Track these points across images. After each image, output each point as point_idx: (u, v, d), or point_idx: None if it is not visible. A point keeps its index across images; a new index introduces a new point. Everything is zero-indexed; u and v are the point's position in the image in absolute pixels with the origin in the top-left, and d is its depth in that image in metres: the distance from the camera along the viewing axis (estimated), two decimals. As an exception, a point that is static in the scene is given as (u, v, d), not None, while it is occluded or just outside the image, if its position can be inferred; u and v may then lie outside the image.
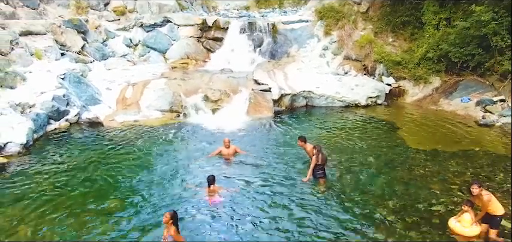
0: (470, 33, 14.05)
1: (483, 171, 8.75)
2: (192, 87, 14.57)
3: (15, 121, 10.68)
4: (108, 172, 8.99)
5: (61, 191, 8.10)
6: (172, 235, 5.80)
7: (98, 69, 16.29)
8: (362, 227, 6.56)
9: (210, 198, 7.47)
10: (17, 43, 13.56)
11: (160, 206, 7.28)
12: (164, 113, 13.45)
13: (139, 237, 6.36)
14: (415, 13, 16.98)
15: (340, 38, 18.13)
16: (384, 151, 10.29)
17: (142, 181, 8.47)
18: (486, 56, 13.89)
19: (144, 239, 6.26)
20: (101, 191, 8.08)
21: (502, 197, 7.37)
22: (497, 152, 10.04)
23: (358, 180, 8.42)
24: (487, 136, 11.32)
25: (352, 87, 15.21)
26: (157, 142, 11.04)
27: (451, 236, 6.28)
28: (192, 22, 19.77)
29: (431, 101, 14.73)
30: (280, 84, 14.96)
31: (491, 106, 12.85)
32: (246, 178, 8.52)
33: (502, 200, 7.20)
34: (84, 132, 12.08)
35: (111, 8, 20.23)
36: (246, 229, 6.57)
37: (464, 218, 6.27)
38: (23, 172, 9.01)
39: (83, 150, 10.46)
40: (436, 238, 6.19)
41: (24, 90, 12.14)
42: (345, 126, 12.57)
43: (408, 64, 15.93)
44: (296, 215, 6.95)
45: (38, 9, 17.89)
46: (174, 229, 5.82)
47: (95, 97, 13.74)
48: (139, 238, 6.32)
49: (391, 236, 6.27)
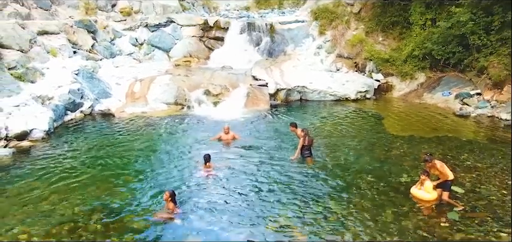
0: (452, 33, 15.46)
1: (451, 152, 10.15)
2: (194, 82, 16.01)
3: (37, 111, 12.13)
4: (120, 154, 10.37)
5: (81, 168, 9.47)
6: (171, 209, 7.15)
7: (106, 66, 17.71)
8: (339, 193, 7.94)
9: (206, 172, 8.84)
10: (35, 42, 15.01)
11: (165, 179, 8.60)
12: (169, 106, 14.88)
13: (147, 201, 7.68)
14: (404, 14, 18.39)
15: (333, 37, 19.58)
16: (367, 137, 11.71)
17: (150, 161, 9.83)
18: (465, 53, 15.30)
19: (151, 204, 7.59)
20: (115, 169, 9.44)
21: (461, 171, 8.80)
22: (467, 137, 11.44)
23: (341, 159, 9.81)
24: (461, 125, 12.73)
25: (343, 82, 16.63)
26: (163, 130, 12.47)
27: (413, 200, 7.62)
28: (194, 22, 21.23)
29: (416, 95, 16.14)
30: (277, 79, 16.39)
31: (468, 99, 14.25)
32: (242, 157, 9.93)
33: (460, 173, 8.65)
34: (98, 122, 13.53)
35: (118, 9, 21.71)
36: (238, 191, 7.96)
37: (427, 185, 7.62)
38: (48, 154, 10.43)
39: (98, 137, 11.89)
40: (400, 200, 7.56)
41: (43, 84, 13.59)
42: (335, 117, 13.98)
43: (396, 61, 17.34)
44: (283, 183, 8.33)
45: (50, 10, 19.39)
46: (172, 204, 7.16)
47: (106, 91, 15.20)
48: (147, 202, 7.65)
49: (363, 199, 7.65)
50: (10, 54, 13.51)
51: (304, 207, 7.36)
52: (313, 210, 7.26)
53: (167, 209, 7.08)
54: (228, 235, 6.50)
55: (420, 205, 7.41)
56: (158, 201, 7.58)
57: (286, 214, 7.10)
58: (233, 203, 7.54)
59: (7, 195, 8.04)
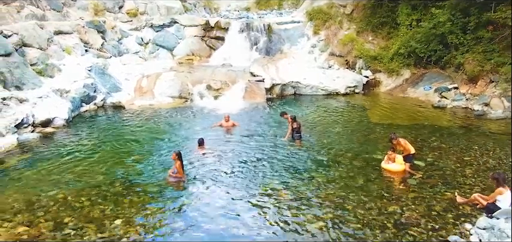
0: (433, 32, 17.08)
1: (421, 136, 11.79)
2: (197, 78, 17.67)
3: (57, 102, 13.81)
4: (131, 138, 12.00)
5: (98, 150, 11.11)
6: (177, 168, 8.77)
7: (115, 63, 19.35)
8: (321, 167, 9.56)
9: (200, 152, 10.44)
10: (52, 41, 16.69)
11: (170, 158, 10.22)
12: (174, 99, 16.55)
13: (157, 173, 9.28)
14: (392, 15, 20.05)
15: (326, 37, 21.24)
16: (351, 124, 13.37)
17: (157, 144, 11.45)
18: (445, 51, 16.94)
19: (160, 174, 9.21)
20: (128, 150, 11.06)
21: (427, 150, 10.45)
22: (439, 125, 13.08)
23: (326, 142, 11.45)
24: (437, 115, 14.35)
25: (333, 78, 18.29)
26: (168, 120, 14.14)
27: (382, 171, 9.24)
28: (197, 23, 22.90)
29: (400, 90, 17.78)
30: (272, 75, 18.05)
31: (446, 93, 15.89)
32: (241, 140, 11.58)
33: (425, 151, 10.30)
34: (110, 113, 15.22)
35: (125, 10, 23.42)
36: (237, 165, 9.59)
37: (397, 159, 9.25)
38: (69, 138, 12.12)
39: (111, 125, 13.58)
40: (371, 172, 9.19)
41: (61, 79, 15.26)
42: (324, 109, 15.63)
43: (383, 59, 18.97)
44: (274, 160, 9.96)
45: (62, 11, 21.09)
46: (179, 163, 8.76)
47: (117, 86, 16.88)
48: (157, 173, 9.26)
49: (341, 171, 9.28)
50: (31, 51, 15.20)
51: (290, 177, 9.00)
52: (297, 178, 8.89)
53: (175, 169, 8.68)
54: (230, 194, 8.10)
55: (387, 175, 9.05)
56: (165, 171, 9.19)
57: (274, 181, 8.73)
58: (232, 174, 9.17)
59: (40, 169, 9.68)
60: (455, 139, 11.43)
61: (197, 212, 7.39)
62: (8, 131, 11.29)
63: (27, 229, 6.74)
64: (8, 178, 9.10)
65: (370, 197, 7.89)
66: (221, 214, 7.31)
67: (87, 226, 6.84)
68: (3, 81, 12.70)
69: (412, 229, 6.63)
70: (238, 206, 7.58)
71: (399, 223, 6.83)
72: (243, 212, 7.35)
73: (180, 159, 8.79)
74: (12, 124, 11.53)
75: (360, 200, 7.75)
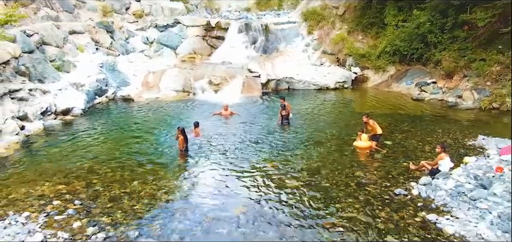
0: (416, 32, 18.95)
1: (396, 122, 13.66)
2: (199, 74, 19.59)
3: (74, 94, 15.75)
4: (140, 125, 13.91)
5: (112, 133, 13.02)
6: (180, 142, 10.65)
7: (123, 61, 21.28)
8: (304, 145, 11.43)
9: (195, 134, 12.27)
10: (67, 39, 18.66)
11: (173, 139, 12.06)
12: (178, 92, 18.47)
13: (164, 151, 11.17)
14: (380, 16, 21.93)
15: (319, 36, 23.14)
16: (336, 113, 15.28)
17: (163, 129, 13.29)
18: (426, 49, 18.81)
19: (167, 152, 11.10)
20: (137, 134, 12.92)
21: (397, 133, 12.31)
22: (414, 114, 14.95)
23: (312, 127, 13.34)
24: (414, 106, 16.22)
25: (324, 74, 20.19)
26: (173, 110, 16.04)
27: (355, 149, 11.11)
28: (198, 23, 24.84)
29: (386, 85, 19.66)
30: (268, 72, 19.96)
31: (425, 87, 17.75)
32: (236, 125, 13.49)
33: (396, 133, 12.16)
34: (120, 105, 17.16)
35: (131, 11, 25.43)
36: (234, 145, 11.46)
37: (364, 137, 11.13)
38: (86, 125, 14.03)
39: (122, 114, 15.51)
40: (345, 148, 11.07)
41: (76, 74, 17.21)
42: (315, 101, 17.52)
43: (371, 56, 20.85)
44: (265, 141, 11.84)
45: (73, 13, 23.12)
46: (181, 137, 10.64)
47: (126, 80, 18.83)
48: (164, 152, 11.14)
49: (321, 148, 11.14)
50: (50, 49, 17.17)
51: (278, 153, 10.87)
52: (284, 154, 10.76)
53: (180, 143, 10.57)
54: (230, 164, 9.98)
55: (358, 151, 10.93)
56: (171, 149, 11.09)
57: (264, 156, 10.61)
58: (229, 151, 11.04)
59: (65, 148, 11.57)
60: (424, 125, 13.31)
61: (197, 176, 9.29)
62: (35, 117, 13.24)
63: (65, 186, 8.65)
64: (40, 153, 11.04)
65: (341, 166, 9.77)
66: (215, 177, 9.21)
67: (112, 185, 8.75)
68: (28, 74, 14.64)
69: (370, 186, 8.50)
70: (228, 173, 9.48)
71: (360, 183, 8.71)
72: (235, 175, 9.25)
73: (183, 134, 10.66)
74: (38, 112, 13.48)
75: (332, 168, 9.64)
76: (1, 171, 9.66)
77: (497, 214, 6.78)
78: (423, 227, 6.80)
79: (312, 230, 6.82)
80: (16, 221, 7.00)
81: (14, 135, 11.74)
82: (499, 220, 6.62)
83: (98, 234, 6.60)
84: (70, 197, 8.07)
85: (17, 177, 9.26)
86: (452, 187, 7.95)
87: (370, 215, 7.26)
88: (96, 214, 7.34)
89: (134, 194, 8.24)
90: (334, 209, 7.55)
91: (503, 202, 7.11)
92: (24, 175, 9.37)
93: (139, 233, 6.68)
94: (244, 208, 7.66)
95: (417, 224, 6.91)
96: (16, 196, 8.14)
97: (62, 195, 8.19)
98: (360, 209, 7.49)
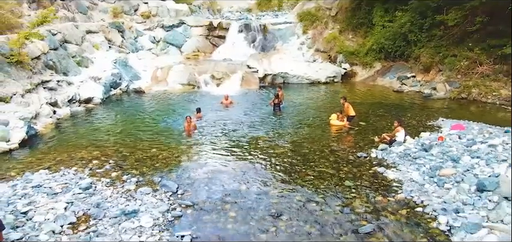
0: (399, 31, 21.45)
1: (373, 109, 16.13)
2: (202, 69, 22.15)
3: (94, 86, 18.31)
4: (152, 112, 16.43)
5: (129, 118, 15.56)
6: (187, 126, 13.15)
7: (133, 58, 23.88)
8: (292, 127, 13.92)
9: (197, 117, 14.79)
10: (85, 38, 21.27)
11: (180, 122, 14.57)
12: (184, 85, 21.02)
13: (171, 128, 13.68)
14: (368, 16, 24.44)
15: (313, 36, 25.69)
16: (325, 102, 17.78)
17: (172, 115, 15.85)
18: (407, 47, 21.29)
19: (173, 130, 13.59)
20: (150, 119, 15.45)
21: (374, 117, 14.78)
22: (392, 103, 17.42)
23: (301, 113, 15.84)
24: (394, 97, 18.70)
25: (316, 70, 22.71)
26: (179, 101, 18.57)
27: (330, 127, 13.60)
28: (202, 23, 27.44)
29: (372, 79, 22.15)
30: (265, 67, 22.49)
31: (405, 80, 20.24)
32: (236, 111, 16.01)
33: (371, 117, 14.63)
34: (133, 96, 19.72)
35: (140, 13, 28.05)
36: (231, 127, 13.97)
37: (333, 116, 13.69)
38: (105, 111, 16.59)
39: (135, 103, 18.07)
40: (325, 127, 13.56)
41: (94, 69, 19.81)
42: (307, 93, 20.02)
43: (360, 54, 23.35)
44: (259, 124, 14.35)
45: (87, 14, 25.74)
46: (187, 122, 13.16)
47: (137, 75, 21.41)
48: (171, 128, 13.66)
49: (306, 128, 13.63)
50: (71, 46, 19.77)
51: (269, 130, 13.37)
52: (274, 132, 13.25)
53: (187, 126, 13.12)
54: (229, 139, 12.48)
55: (335, 129, 13.43)
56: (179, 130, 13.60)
57: (258, 133, 13.11)
58: (228, 130, 13.55)
59: (91, 128, 14.10)
60: (398, 111, 15.79)
61: (202, 146, 11.81)
62: (63, 104, 15.80)
63: (99, 152, 11.18)
64: (72, 131, 13.60)
65: (320, 139, 12.28)
66: (216, 147, 11.73)
67: (135, 151, 11.28)
68: (55, 68, 17.23)
69: (339, 152, 11.01)
70: (227, 144, 12.00)
71: (332, 150, 11.21)
72: (232, 146, 11.76)
73: (189, 120, 13.22)
74: (66, 100, 16.05)
75: (313, 141, 12.14)
76: (45, 143, 12.24)
77: (429, 167, 9.25)
78: (373, 176, 9.30)
79: (290, 178, 9.31)
80: (68, 173, 9.53)
81: (48, 118, 14.29)
82: (429, 170, 9.09)
83: (131, 179, 9.13)
84: (104, 159, 10.60)
85: (59, 147, 11.81)
86: (401, 151, 10.45)
87: (335, 169, 9.76)
88: (127, 169, 9.87)
89: (154, 157, 10.77)
90: (309, 166, 10.05)
91: (436, 159, 9.60)
92: (63, 146, 11.91)
93: (161, 179, 9.19)
94: (239, 166, 10.17)
95: (369, 174, 9.41)
96: (62, 159, 10.69)
97: (97, 158, 10.72)
98: (329, 166, 9.99)
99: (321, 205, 7.94)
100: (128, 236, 6.73)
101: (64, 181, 8.97)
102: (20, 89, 13.99)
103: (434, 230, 6.93)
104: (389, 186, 8.76)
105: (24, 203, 7.79)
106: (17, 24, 18.68)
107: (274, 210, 7.70)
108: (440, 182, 8.45)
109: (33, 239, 6.65)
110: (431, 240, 6.65)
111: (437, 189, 8.30)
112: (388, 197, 8.19)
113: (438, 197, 7.94)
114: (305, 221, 7.33)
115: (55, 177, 9.23)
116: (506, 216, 6.93)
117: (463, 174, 8.61)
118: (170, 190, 8.53)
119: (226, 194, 8.49)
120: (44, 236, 6.72)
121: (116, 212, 7.45)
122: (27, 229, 6.90)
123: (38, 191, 8.33)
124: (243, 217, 7.52)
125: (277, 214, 7.54)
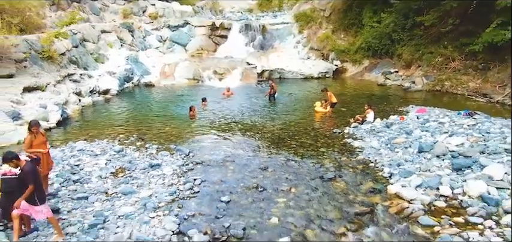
0: (384, 31, 24.19)
1: (356, 99, 18.86)
2: (206, 65, 24.98)
3: (110, 79, 21.16)
4: (163, 102, 19.27)
5: (143, 106, 18.37)
6: (191, 113, 15.93)
7: (142, 56, 26.73)
8: (284, 113, 16.67)
9: (203, 105, 17.55)
10: (100, 37, 24.14)
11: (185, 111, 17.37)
12: (189, 80, 23.85)
13: (179, 114, 16.47)
14: (359, 17, 27.20)
15: (308, 35, 28.45)
16: (314, 94, 20.51)
17: (178, 106, 18.60)
18: (391, 45, 24.03)
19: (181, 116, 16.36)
20: (161, 107, 18.27)
21: (355, 105, 17.52)
22: (374, 94, 20.15)
23: (293, 102, 18.62)
24: (377, 89, 21.44)
25: (310, 66, 25.49)
26: (185, 93, 21.39)
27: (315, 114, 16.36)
28: (205, 24, 30.27)
29: (360, 75, 24.90)
30: (263, 64, 25.29)
31: (389, 75, 22.97)
32: (235, 101, 18.80)
33: (353, 104, 17.38)
34: (144, 89, 22.58)
35: (148, 14, 30.94)
36: (230, 114, 16.74)
37: (317, 104, 16.44)
38: (122, 101, 19.42)
39: (147, 95, 20.91)
40: (312, 112, 16.31)
41: (109, 64, 22.67)
42: (300, 86, 22.79)
43: (350, 52, 26.11)
44: (255, 112, 17.11)
45: (99, 15, 28.64)
46: (192, 112, 15.93)
47: (147, 70, 24.27)
48: (179, 114, 16.44)
49: (296, 114, 16.38)
50: (88, 44, 22.64)
51: (263, 115, 16.15)
52: (268, 118, 16.00)
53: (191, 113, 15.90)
54: (228, 123, 15.26)
55: (319, 115, 16.20)
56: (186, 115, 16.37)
57: (254, 118, 15.88)
58: (228, 115, 16.33)
59: (111, 114, 16.92)
60: (376, 100, 18.50)
61: (206, 127, 14.59)
62: (86, 94, 18.65)
63: (123, 131, 13.98)
64: (96, 116, 16.42)
65: (306, 121, 15.06)
66: (218, 128, 14.51)
67: (152, 129, 14.09)
68: (77, 63, 20.08)
69: (320, 130, 13.78)
70: (228, 124, 14.78)
71: (314, 128, 13.97)
72: (231, 126, 14.53)
73: (191, 109, 16.00)
74: (88, 90, 18.90)
75: (300, 122, 14.92)
76: (76, 124, 15.08)
77: (387, 138, 12.00)
78: (343, 145, 12.07)
79: (277, 146, 12.07)
80: (101, 142, 12.33)
81: (75, 105, 17.11)
82: (386, 140, 11.84)
83: (153, 146, 11.93)
84: (128, 134, 13.40)
85: (89, 126, 14.64)
86: (368, 128, 13.22)
87: (314, 141, 12.54)
88: (148, 140, 12.68)
89: (168, 133, 13.59)
90: (293, 138, 12.82)
91: (394, 133, 12.35)
92: (92, 125, 14.74)
93: (175, 146, 11.97)
94: (237, 138, 12.96)
95: (340, 144, 12.17)
96: (94, 134, 13.50)
97: (122, 133, 13.53)
98: (309, 139, 12.77)
99: (299, 162, 10.71)
100: (155, 180, 9.52)
101: (100, 147, 11.79)
102: (52, 80, 16.85)
103: (379, 176, 9.67)
104: (354, 151, 11.52)
105: (74, 160, 10.61)
106: (42, 24, 21.60)
107: (262, 165, 10.48)
108: (392, 148, 11.21)
109: (87, 180, 9.45)
110: (375, 182, 9.40)
111: (390, 153, 11.05)
112: (350, 158, 10.95)
113: (388, 158, 10.69)
114: (285, 171, 10.10)
115: (92, 145, 12.04)
116: (433, 167, 9.67)
117: (411, 142, 11.37)
118: (183, 153, 11.31)
119: (226, 156, 11.27)
120: (94, 179, 9.51)
121: (144, 165, 10.26)
122: (82, 174, 9.71)
123: (83, 153, 11.15)
124: (239, 169, 10.29)
125: (265, 168, 10.32)
